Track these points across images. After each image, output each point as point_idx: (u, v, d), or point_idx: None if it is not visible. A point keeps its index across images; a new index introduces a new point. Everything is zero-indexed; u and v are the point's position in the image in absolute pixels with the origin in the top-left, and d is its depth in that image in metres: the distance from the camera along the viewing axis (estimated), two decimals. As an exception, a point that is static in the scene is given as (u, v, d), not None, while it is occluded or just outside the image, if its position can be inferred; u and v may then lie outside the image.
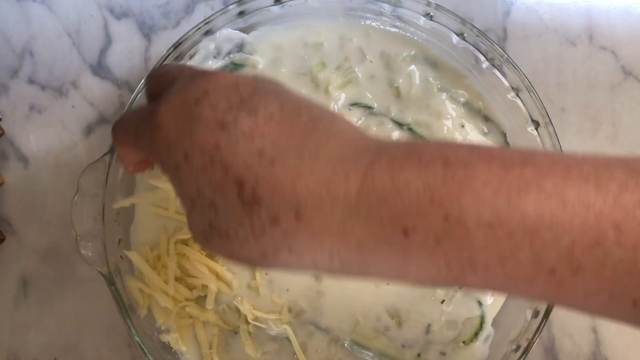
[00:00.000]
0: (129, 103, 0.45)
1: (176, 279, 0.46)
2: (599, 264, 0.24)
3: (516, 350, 0.45)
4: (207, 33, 0.45)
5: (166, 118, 0.29)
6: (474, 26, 0.45)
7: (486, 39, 0.45)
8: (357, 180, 0.26)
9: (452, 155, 0.26)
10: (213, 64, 0.47)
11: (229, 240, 0.28)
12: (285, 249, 0.27)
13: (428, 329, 0.47)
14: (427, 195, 0.25)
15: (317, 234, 0.26)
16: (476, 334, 0.48)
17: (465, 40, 0.46)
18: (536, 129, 0.46)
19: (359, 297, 0.47)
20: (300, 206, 0.26)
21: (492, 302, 0.47)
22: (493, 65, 0.46)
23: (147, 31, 0.53)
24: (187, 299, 0.47)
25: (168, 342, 0.47)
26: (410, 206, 0.25)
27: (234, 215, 0.27)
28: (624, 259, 0.23)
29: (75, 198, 0.44)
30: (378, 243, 0.26)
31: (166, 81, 0.32)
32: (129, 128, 0.33)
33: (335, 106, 0.47)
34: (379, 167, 0.26)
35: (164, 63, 0.45)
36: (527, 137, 0.46)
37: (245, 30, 0.47)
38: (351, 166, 0.26)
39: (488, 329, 0.48)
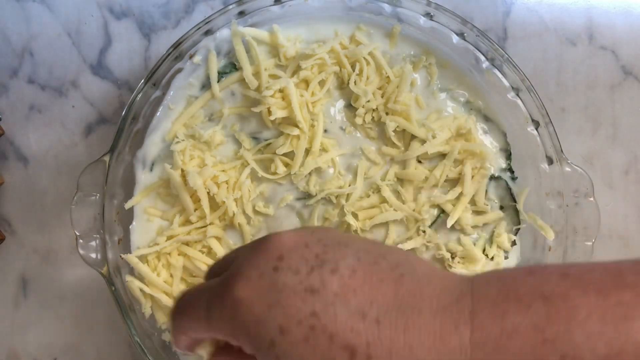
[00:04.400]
0: (128, 103, 0.45)
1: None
2: None
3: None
4: (207, 33, 0.45)
5: (247, 292, 0.28)
6: (474, 26, 0.45)
7: (486, 39, 0.45)
8: (466, 330, 0.26)
9: (547, 288, 0.26)
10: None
11: None
12: None
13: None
14: (539, 337, 0.25)
15: None
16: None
17: (466, 40, 0.46)
18: (536, 128, 0.46)
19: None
20: None
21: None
22: (493, 65, 0.46)
23: (147, 31, 0.53)
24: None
25: (168, 342, 0.47)
26: (524, 350, 0.25)
27: None
28: None
29: (75, 198, 0.44)
30: None
31: (223, 265, 0.31)
32: (196, 312, 0.31)
33: (333, 107, 0.47)
34: (483, 314, 0.26)
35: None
36: (527, 137, 0.46)
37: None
38: (455, 315, 0.26)
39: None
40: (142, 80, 0.45)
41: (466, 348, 0.26)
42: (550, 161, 0.46)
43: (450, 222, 0.46)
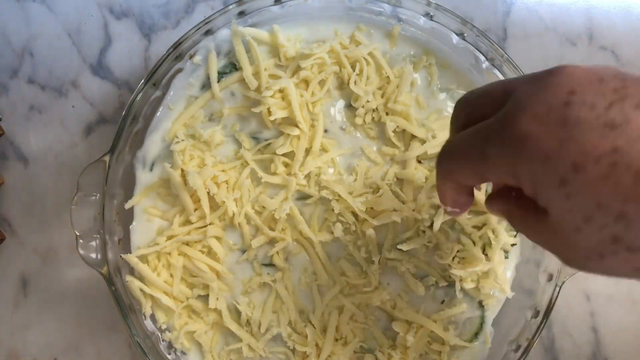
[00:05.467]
0: (128, 103, 0.45)
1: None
2: None
3: (516, 350, 0.45)
4: (207, 33, 0.45)
5: (534, 127, 0.26)
6: (474, 26, 0.45)
7: (486, 39, 0.45)
8: None
9: None
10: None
11: None
12: None
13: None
14: None
15: None
16: (476, 334, 0.48)
17: (466, 40, 0.46)
18: (536, 129, 0.45)
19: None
20: None
21: (492, 302, 0.47)
22: (493, 65, 0.46)
23: (147, 31, 0.53)
24: (188, 298, 0.47)
25: (169, 342, 0.47)
26: None
27: None
28: None
29: (75, 198, 0.44)
30: None
31: (490, 99, 0.29)
32: (469, 151, 0.29)
33: (333, 107, 0.47)
34: None
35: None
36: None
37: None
38: None
39: (488, 328, 0.48)
40: (142, 80, 0.45)
41: None
42: (550, 161, 0.46)
43: (437, 225, 0.46)
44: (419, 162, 0.46)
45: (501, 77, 0.46)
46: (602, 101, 0.25)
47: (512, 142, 0.27)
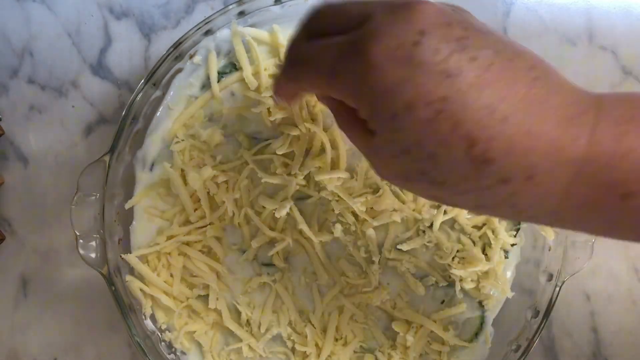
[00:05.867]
0: (128, 103, 0.45)
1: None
2: None
3: (516, 350, 0.45)
4: (207, 33, 0.45)
5: (382, 59, 0.27)
6: (474, 26, 0.45)
7: (486, 39, 0.45)
8: (584, 143, 0.26)
9: None
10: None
11: (442, 189, 0.28)
12: (507, 206, 0.28)
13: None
14: None
15: (543, 196, 0.27)
16: (476, 334, 0.48)
17: (465, 40, 0.45)
18: (536, 129, 0.45)
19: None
20: (533, 169, 0.27)
21: (492, 302, 0.47)
22: (493, 65, 0.45)
23: (147, 31, 0.53)
24: (187, 298, 0.47)
25: (169, 342, 0.47)
26: (630, 173, 0.26)
27: (457, 169, 0.27)
28: None
29: (75, 198, 0.44)
30: (596, 204, 0.27)
31: (345, 17, 0.30)
32: (320, 64, 0.30)
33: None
34: (603, 130, 0.27)
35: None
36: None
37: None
38: (577, 128, 0.27)
39: (488, 328, 0.48)
40: (142, 80, 0.45)
41: (578, 161, 0.27)
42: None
43: (437, 225, 0.46)
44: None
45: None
46: (445, 48, 0.27)
47: (360, 68, 0.28)
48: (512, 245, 0.47)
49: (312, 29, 0.32)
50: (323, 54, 0.30)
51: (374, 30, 0.28)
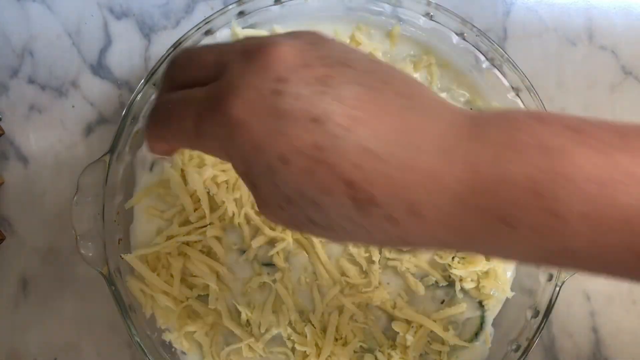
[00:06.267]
0: (128, 103, 0.45)
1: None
2: None
3: (516, 350, 0.45)
4: (207, 33, 0.45)
5: (245, 115, 0.26)
6: (474, 26, 0.45)
7: (486, 39, 0.45)
8: (462, 170, 0.26)
9: (550, 140, 0.25)
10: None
11: (332, 232, 0.28)
12: (399, 241, 0.28)
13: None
14: (529, 188, 0.25)
15: (430, 228, 0.27)
16: (476, 334, 0.48)
17: (466, 40, 0.46)
18: (536, 128, 0.45)
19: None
20: (415, 203, 0.26)
21: (493, 302, 0.47)
22: (493, 65, 0.46)
23: (147, 31, 0.53)
24: (187, 298, 0.47)
25: (169, 342, 0.47)
26: (512, 199, 0.25)
27: (342, 212, 0.27)
28: None
29: (75, 198, 0.44)
30: (482, 231, 0.26)
31: (201, 67, 0.29)
32: (183, 122, 0.29)
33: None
34: (480, 156, 0.26)
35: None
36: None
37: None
38: (455, 154, 0.26)
39: (488, 328, 0.48)
40: (142, 80, 0.45)
41: (458, 189, 0.26)
42: (550, 161, 0.46)
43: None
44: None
45: (501, 77, 0.46)
46: (306, 91, 0.26)
47: (224, 125, 0.27)
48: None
49: (174, 80, 0.31)
50: (184, 112, 0.29)
51: (231, 84, 0.27)
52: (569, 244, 0.25)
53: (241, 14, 0.45)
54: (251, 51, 0.27)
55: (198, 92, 0.29)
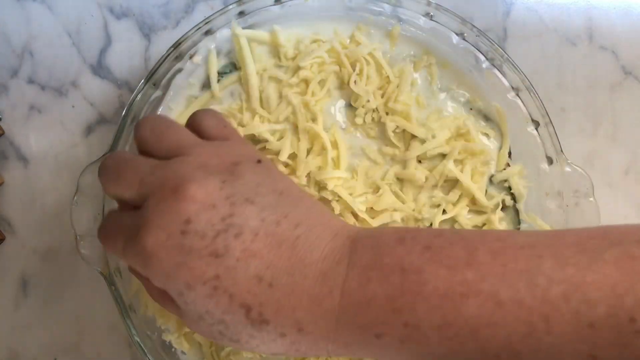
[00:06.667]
0: (128, 103, 0.45)
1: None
2: (534, 349, 0.28)
3: (516, 350, 0.45)
4: (207, 33, 0.45)
5: (156, 249, 0.31)
6: (474, 26, 0.45)
7: (486, 39, 0.45)
8: (338, 295, 0.31)
9: (407, 261, 0.30)
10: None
11: (239, 343, 0.33)
12: (294, 351, 0.33)
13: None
14: (389, 306, 0.30)
15: (316, 341, 0.32)
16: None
17: (466, 40, 0.46)
18: (536, 128, 0.46)
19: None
20: (301, 323, 0.31)
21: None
22: (493, 65, 0.46)
23: (147, 31, 0.53)
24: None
25: (169, 342, 0.47)
26: (377, 316, 0.30)
27: (244, 330, 0.32)
28: (555, 343, 0.28)
29: (75, 198, 0.44)
30: (359, 343, 0.32)
31: (128, 187, 0.33)
32: (115, 243, 0.34)
33: (333, 107, 0.47)
34: (352, 280, 0.31)
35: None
36: (527, 137, 0.46)
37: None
38: (332, 279, 0.31)
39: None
40: (142, 80, 0.45)
41: (336, 310, 0.31)
42: (550, 161, 0.46)
43: (437, 225, 0.46)
44: (419, 162, 0.46)
45: (501, 77, 0.46)
46: (211, 231, 0.31)
47: (140, 254, 0.32)
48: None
49: (108, 192, 0.36)
50: (117, 236, 0.34)
51: (147, 220, 0.31)
52: (431, 349, 0.30)
53: (241, 14, 0.45)
54: (166, 190, 0.32)
55: (126, 219, 0.34)
